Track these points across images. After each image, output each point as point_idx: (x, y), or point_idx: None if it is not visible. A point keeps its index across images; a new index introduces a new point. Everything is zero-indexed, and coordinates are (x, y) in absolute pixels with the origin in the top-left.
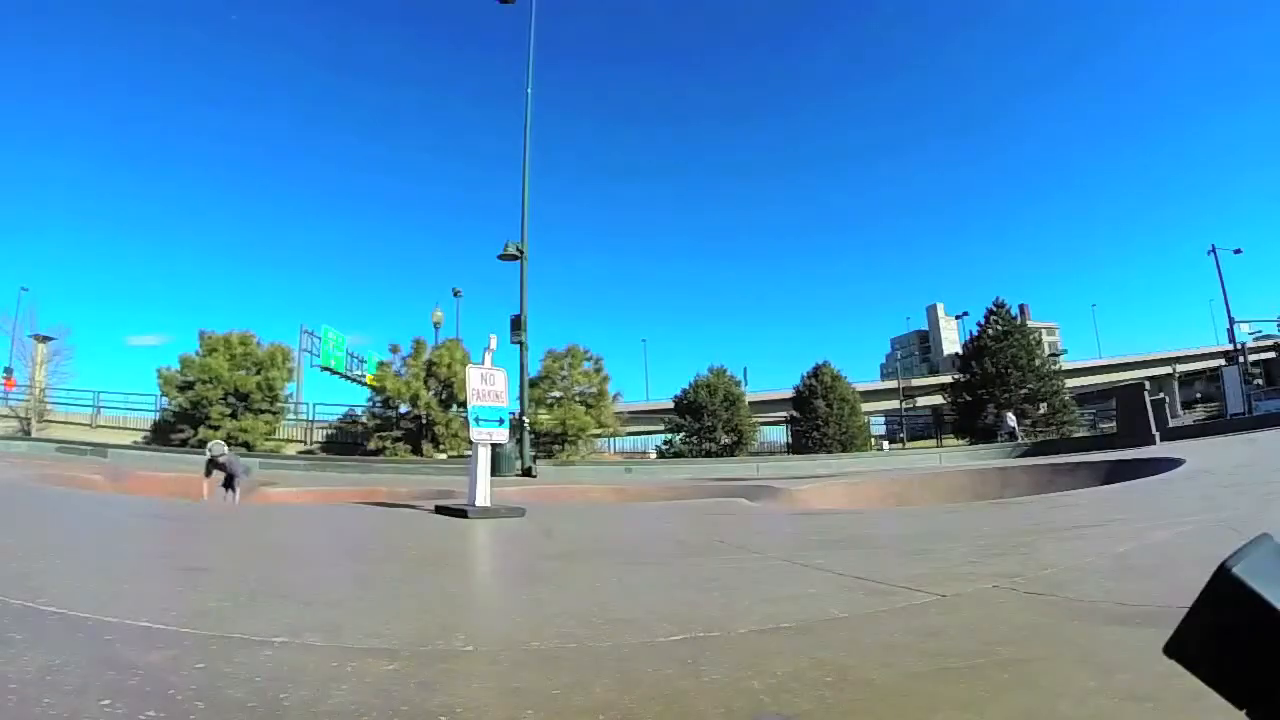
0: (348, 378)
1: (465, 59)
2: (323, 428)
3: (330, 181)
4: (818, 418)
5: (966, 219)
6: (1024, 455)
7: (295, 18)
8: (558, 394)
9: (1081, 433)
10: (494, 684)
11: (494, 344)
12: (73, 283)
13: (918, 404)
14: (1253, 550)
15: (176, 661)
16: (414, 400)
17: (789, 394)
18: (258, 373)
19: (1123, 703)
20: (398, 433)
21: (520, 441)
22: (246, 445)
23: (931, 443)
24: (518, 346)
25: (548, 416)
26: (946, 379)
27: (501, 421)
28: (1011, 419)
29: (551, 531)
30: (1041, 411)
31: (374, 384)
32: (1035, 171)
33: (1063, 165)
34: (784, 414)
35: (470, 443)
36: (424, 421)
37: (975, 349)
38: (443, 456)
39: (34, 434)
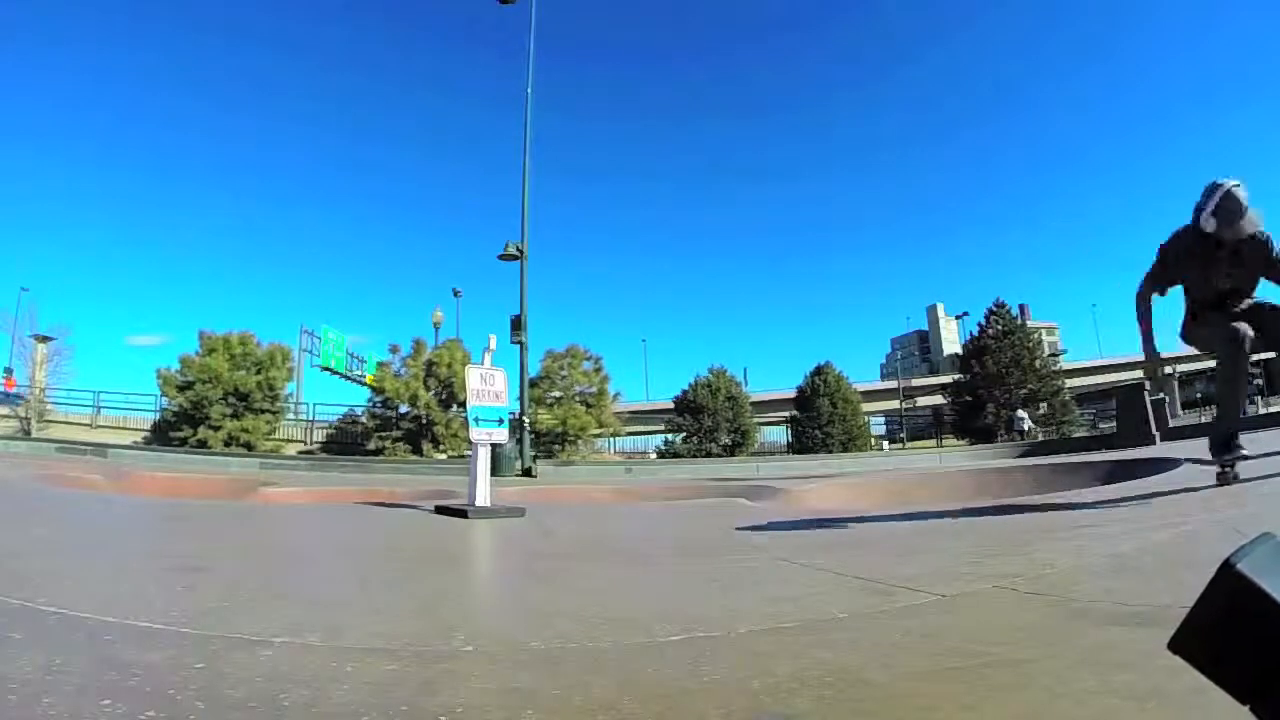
0: (348, 378)
1: (466, 59)
2: (323, 428)
3: (330, 181)
4: (820, 417)
5: (967, 219)
6: (1024, 455)
7: (295, 18)
8: (558, 394)
9: (1081, 433)
10: (494, 684)
11: (494, 344)
12: (73, 283)
13: (918, 404)
14: (1257, 547)
15: (176, 661)
16: (414, 400)
17: (790, 394)
18: (258, 373)
19: (1124, 702)
20: (398, 433)
21: (520, 441)
22: (247, 445)
23: (931, 443)
24: (518, 346)
25: (548, 416)
26: (946, 379)
27: (501, 421)
28: (1026, 420)
29: (551, 531)
30: (1041, 411)
31: (374, 384)
32: (1035, 171)
33: (1063, 165)
34: (785, 414)
35: (470, 443)
36: (424, 421)
37: (975, 349)
38: (443, 456)
39: (34, 434)
